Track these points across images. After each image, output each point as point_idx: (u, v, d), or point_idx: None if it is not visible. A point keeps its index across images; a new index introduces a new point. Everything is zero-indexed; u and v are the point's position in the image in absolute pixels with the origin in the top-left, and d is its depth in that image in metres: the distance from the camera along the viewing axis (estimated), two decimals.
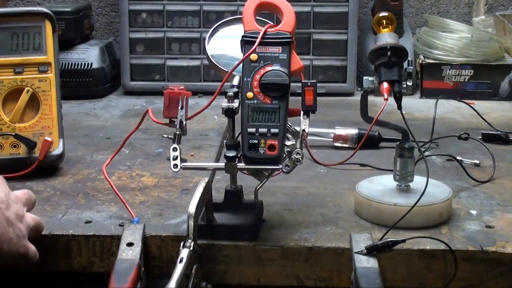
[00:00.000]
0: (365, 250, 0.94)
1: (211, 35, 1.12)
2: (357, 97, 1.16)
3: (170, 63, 1.82)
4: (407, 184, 1.05)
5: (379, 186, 1.07)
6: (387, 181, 1.08)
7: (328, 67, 1.81)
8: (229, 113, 0.99)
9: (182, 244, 0.90)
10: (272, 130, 0.98)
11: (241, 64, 1.01)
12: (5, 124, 1.22)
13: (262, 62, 1.01)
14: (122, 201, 1.07)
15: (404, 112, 1.02)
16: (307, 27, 1.79)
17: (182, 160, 0.99)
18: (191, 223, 0.90)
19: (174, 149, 0.99)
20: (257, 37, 1.02)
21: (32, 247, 0.93)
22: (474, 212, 1.07)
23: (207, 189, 0.97)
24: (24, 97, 1.22)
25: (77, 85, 1.77)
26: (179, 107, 1.01)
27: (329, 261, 0.96)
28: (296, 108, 1.02)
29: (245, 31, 1.03)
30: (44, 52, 1.23)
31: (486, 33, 1.88)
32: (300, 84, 1.02)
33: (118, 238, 0.98)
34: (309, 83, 1.01)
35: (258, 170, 1.00)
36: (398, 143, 1.05)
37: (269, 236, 0.99)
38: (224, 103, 0.99)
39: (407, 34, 1.89)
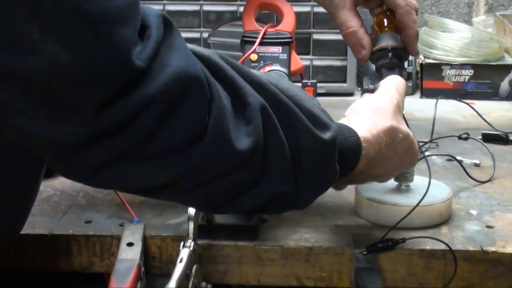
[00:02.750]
0: (365, 250, 0.94)
1: (211, 35, 1.12)
2: (357, 97, 1.16)
3: None
4: (407, 184, 1.05)
5: (379, 186, 1.07)
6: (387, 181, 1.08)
7: (328, 67, 1.81)
8: None
9: (182, 244, 0.90)
10: None
11: None
12: None
13: (262, 62, 1.01)
14: (122, 201, 1.07)
15: (404, 112, 1.02)
16: (307, 27, 1.79)
17: None
18: (191, 223, 0.90)
19: None
20: (257, 37, 1.02)
21: None
22: (474, 212, 1.07)
23: None
24: None
25: None
26: None
27: (329, 261, 0.96)
28: None
29: (245, 31, 1.04)
30: None
31: (486, 33, 1.88)
32: (300, 84, 1.02)
33: (118, 238, 0.98)
34: (309, 83, 1.01)
35: None
36: None
37: (269, 236, 0.99)
38: None
39: None
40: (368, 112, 0.90)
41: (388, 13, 1.05)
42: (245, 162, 0.72)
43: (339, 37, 1.11)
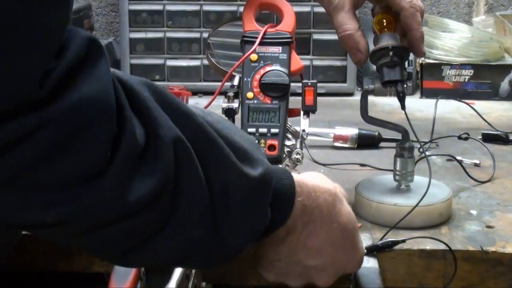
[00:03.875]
0: (365, 250, 0.94)
1: (211, 35, 1.12)
2: (357, 97, 1.16)
3: (170, 63, 1.82)
4: (407, 184, 1.05)
5: (379, 186, 1.07)
6: (387, 181, 1.08)
7: (328, 67, 1.81)
8: (229, 113, 0.99)
9: None
10: (272, 130, 0.98)
11: (241, 64, 1.01)
12: None
13: (262, 62, 1.01)
14: None
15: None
16: (307, 27, 1.80)
17: None
18: None
19: None
20: (257, 37, 1.02)
21: None
22: (474, 212, 1.07)
23: None
24: None
25: None
26: None
27: None
28: (296, 108, 1.02)
29: (245, 31, 1.04)
30: None
31: (486, 33, 1.88)
32: (300, 84, 1.02)
33: None
34: (309, 83, 1.01)
35: None
36: (398, 143, 1.05)
37: None
38: (224, 103, 0.99)
39: None
40: (312, 175, 0.83)
41: (387, 13, 1.05)
42: (148, 204, 0.64)
43: None
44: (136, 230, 0.66)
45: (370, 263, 0.93)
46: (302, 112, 1.01)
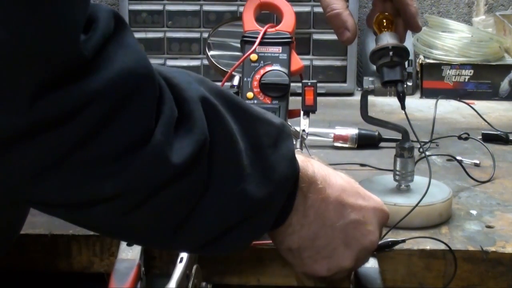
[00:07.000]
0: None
1: (211, 35, 1.12)
2: (357, 97, 1.16)
3: (170, 63, 1.82)
4: (407, 184, 1.05)
5: (379, 186, 1.07)
6: (387, 181, 1.08)
7: (328, 67, 1.81)
8: None
9: None
10: None
11: (241, 64, 1.01)
12: None
13: (262, 62, 1.01)
14: None
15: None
16: (307, 27, 1.79)
17: None
18: None
19: None
20: (257, 37, 1.02)
21: None
22: (474, 212, 1.07)
23: None
24: None
25: None
26: None
27: None
28: (296, 109, 1.02)
29: (245, 31, 1.04)
30: None
31: (486, 33, 1.88)
32: (300, 84, 1.02)
33: None
34: (309, 83, 1.01)
35: None
36: (398, 143, 1.05)
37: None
38: None
39: (407, 34, 1.89)
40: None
41: (387, 13, 1.05)
42: (192, 165, 0.65)
43: None
44: (184, 194, 0.67)
45: (370, 263, 0.93)
46: (302, 112, 1.01)
